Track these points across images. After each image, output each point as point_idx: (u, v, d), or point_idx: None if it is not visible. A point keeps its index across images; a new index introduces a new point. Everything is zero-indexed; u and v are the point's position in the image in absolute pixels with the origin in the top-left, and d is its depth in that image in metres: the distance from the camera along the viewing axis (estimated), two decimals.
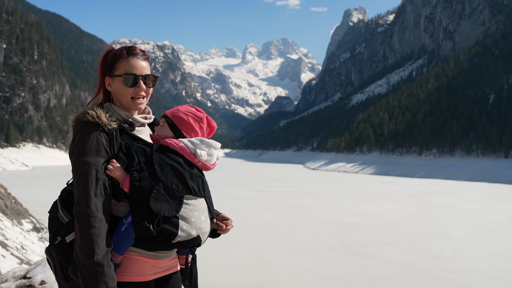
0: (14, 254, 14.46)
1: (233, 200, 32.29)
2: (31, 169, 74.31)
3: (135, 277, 1.82)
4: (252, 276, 13.70)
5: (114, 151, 1.83)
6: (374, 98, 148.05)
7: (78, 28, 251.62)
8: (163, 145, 1.88)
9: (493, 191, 43.78)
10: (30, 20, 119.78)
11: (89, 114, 1.81)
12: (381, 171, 78.29)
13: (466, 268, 14.75)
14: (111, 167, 1.78)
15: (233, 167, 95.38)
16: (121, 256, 1.78)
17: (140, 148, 1.84)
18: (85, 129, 1.79)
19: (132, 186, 1.75)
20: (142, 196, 1.75)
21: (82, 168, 1.74)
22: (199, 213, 1.85)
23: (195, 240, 1.83)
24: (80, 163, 1.75)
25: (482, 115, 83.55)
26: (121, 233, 1.77)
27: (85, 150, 1.76)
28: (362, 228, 21.89)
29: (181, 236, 1.77)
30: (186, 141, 1.89)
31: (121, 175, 1.79)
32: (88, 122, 1.80)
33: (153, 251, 1.83)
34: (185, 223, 1.78)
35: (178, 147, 1.86)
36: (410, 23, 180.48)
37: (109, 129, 1.81)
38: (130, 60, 1.92)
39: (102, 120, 1.80)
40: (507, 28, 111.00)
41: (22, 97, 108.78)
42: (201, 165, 1.91)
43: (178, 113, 1.95)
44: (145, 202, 1.75)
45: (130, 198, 1.78)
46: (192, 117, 1.95)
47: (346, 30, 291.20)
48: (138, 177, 1.76)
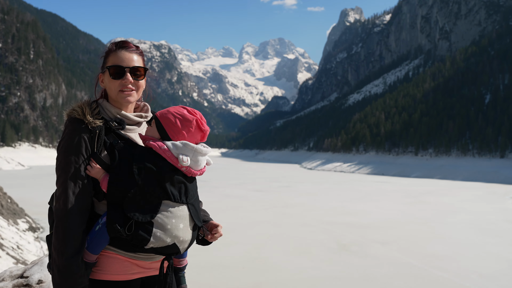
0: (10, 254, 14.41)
1: (229, 199, 32.28)
2: (27, 169, 74.04)
3: (113, 275, 1.78)
4: (249, 276, 13.69)
5: (96, 149, 1.78)
6: (370, 98, 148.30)
7: (75, 28, 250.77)
8: (147, 146, 1.81)
9: (489, 191, 43.91)
10: (26, 19, 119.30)
11: (76, 110, 1.81)
12: (377, 171, 78.39)
13: (462, 268, 14.79)
14: (90, 166, 1.76)
15: (229, 166, 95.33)
16: (95, 255, 1.76)
17: (123, 148, 1.79)
18: (71, 125, 1.78)
19: (109, 187, 1.72)
20: (118, 197, 1.71)
21: (63, 165, 1.74)
22: (176, 220, 1.76)
23: (171, 247, 1.76)
24: (61, 160, 1.75)
25: (478, 115, 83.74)
26: (95, 232, 1.74)
27: (67, 147, 1.75)
28: (358, 227, 21.92)
29: (153, 242, 1.71)
30: (170, 144, 1.79)
31: (101, 175, 1.76)
32: (74, 118, 1.79)
33: (131, 252, 1.77)
34: (159, 230, 1.71)
35: (160, 150, 1.77)
36: (406, 23, 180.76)
37: (92, 126, 1.78)
38: (118, 52, 1.89)
39: (86, 117, 1.78)
40: (503, 29, 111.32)
41: (18, 96, 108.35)
42: (185, 170, 1.80)
43: (167, 114, 1.86)
44: (122, 204, 1.71)
45: (108, 198, 1.74)
46: (180, 119, 1.84)
47: (342, 30, 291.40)
48: (116, 178, 1.72)
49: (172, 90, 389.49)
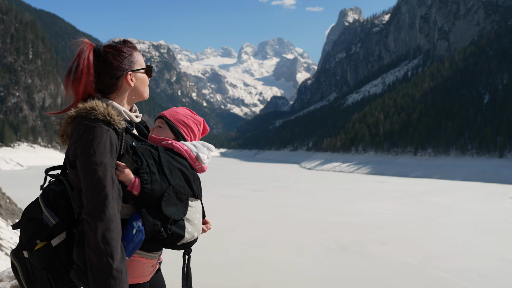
0: (8, 254, 14.39)
1: (228, 199, 32.25)
2: (26, 169, 73.94)
3: (137, 278, 1.80)
4: (248, 276, 13.68)
5: (121, 151, 1.73)
6: (369, 98, 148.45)
7: (73, 28, 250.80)
8: (168, 147, 1.87)
9: (488, 191, 43.93)
10: (25, 19, 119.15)
11: (97, 110, 1.69)
12: (376, 170, 78.41)
13: (461, 268, 14.79)
14: (119, 170, 1.71)
15: (228, 166, 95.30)
16: (128, 259, 1.74)
17: (146, 149, 1.79)
18: (96, 126, 1.66)
19: (144, 189, 1.71)
20: (152, 199, 1.72)
21: (99, 170, 1.62)
22: (199, 215, 1.88)
23: (194, 241, 1.87)
24: (95, 164, 1.62)
25: (477, 115, 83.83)
26: (132, 236, 1.71)
27: (100, 150, 1.63)
28: (357, 227, 21.91)
29: (187, 238, 1.80)
30: (190, 144, 1.90)
31: (131, 178, 1.73)
32: (97, 119, 1.68)
33: (152, 252, 1.82)
34: (190, 225, 1.81)
35: (183, 150, 1.86)
36: (405, 23, 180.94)
37: (119, 128, 1.72)
38: (138, 53, 1.92)
39: (113, 119, 1.70)
40: (501, 29, 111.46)
41: (17, 96, 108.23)
42: (199, 168, 1.92)
43: (178, 115, 1.96)
44: (153, 205, 1.73)
45: (137, 201, 1.73)
46: (192, 120, 1.98)
47: (341, 30, 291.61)
48: (150, 180, 1.72)
49: (171, 90, 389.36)
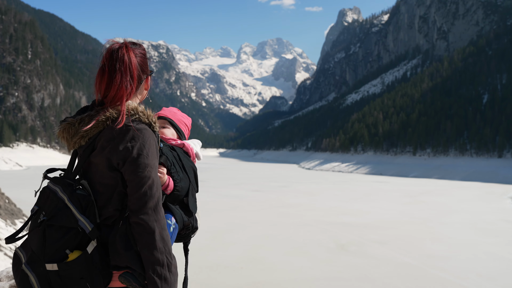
0: (7, 254, 14.37)
1: (227, 200, 32.25)
2: (25, 169, 73.91)
3: None
4: (247, 276, 13.68)
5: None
6: (368, 98, 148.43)
7: (72, 28, 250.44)
8: (179, 146, 1.96)
9: (487, 191, 43.97)
10: (24, 19, 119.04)
11: (141, 113, 1.72)
12: (375, 170, 78.46)
13: (460, 268, 14.80)
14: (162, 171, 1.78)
15: (227, 167, 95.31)
16: None
17: (168, 150, 1.86)
18: (144, 129, 1.69)
19: (176, 187, 1.80)
20: (180, 196, 1.83)
21: (152, 172, 1.67)
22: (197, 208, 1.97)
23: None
24: (149, 167, 1.66)
25: (476, 115, 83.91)
26: (171, 234, 1.79)
27: (152, 152, 1.68)
28: (356, 227, 21.92)
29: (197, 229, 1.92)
30: (191, 143, 1.98)
31: (165, 178, 1.79)
32: (141, 122, 1.71)
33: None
34: (197, 218, 1.93)
35: (189, 149, 1.95)
36: (404, 23, 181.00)
37: (156, 130, 1.76)
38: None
39: (154, 121, 1.73)
40: (500, 28, 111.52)
41: (16, 96, 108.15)
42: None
43: (176, 115, 2.03)
44: (179, 202, 1.84)
45: (167, 199, 1.81)
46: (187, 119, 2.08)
47: (340, 30, 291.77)
48: (179, 179, 1.81)
49: (170, 90, 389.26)
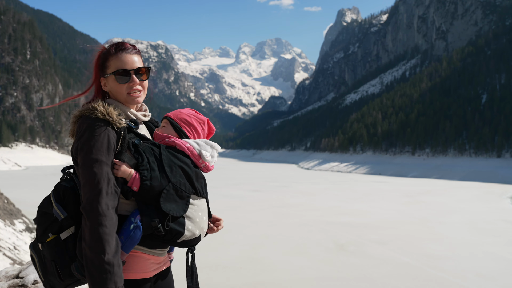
0: (6, 254, 14.36)
1: (227, 200, 32.24)
2: (23, 169, 73.87)
3: (139, 274, 1.83)
4: (246, 276, 13.68)
5: (121, 149, 1.79)
6: (367, 98, 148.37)
7: (71, 28, 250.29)
8: (170, 144, 1.91)
9: (486, 191, 44.00)
10: (23, 20, 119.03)
11: (98, 110, 1.77)
12: (374, 170, 78.49)
13: (459, 267, 14.81)
14: (117, 166, 1.76)
15: (227, 167, 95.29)
16: (126, 254, 1.79)
17: (148, 147, 1.83)
18: (95, 125, 1.74)
19: (143, 185, 1.75)
20: (152, 195, 1.76)
21: (94, 166, 1.70)
22: (202, 213, 1.88)
23: (196, 239, 1.88)
24: (91, 161, 1.71)
25: (474, 115, 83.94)
26: (130, 231, 1.77)
27: (96, 147, 1.72)
28: (356, 227, 21.93)
29: (187, 235, 1.81)
30: (192, 142, 1.93)
31: (130, 174, 1.78)
32: (97, 118, 1.76)
33: (155, 248, 1.85)
34: (191, 222, 1.82)
35: (185, 147, 1.89)
36: (403, 23, 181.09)
37: (118, 127, 1.78)
38: (119, 56, 1.88)
39: (113, 118, 1.77)
40: (499, 28, 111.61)
41: (15, 96, 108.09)
42: (204, 166, 1.94)
43: (181, 114, 2.00)
44: (153, 201, 1.76)
45: (138, 197, 1.78)
46: (195, 119, 2.01)
47: (339, 30, 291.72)
48: (149, 177, 1.75)
49: (169, 90, 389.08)
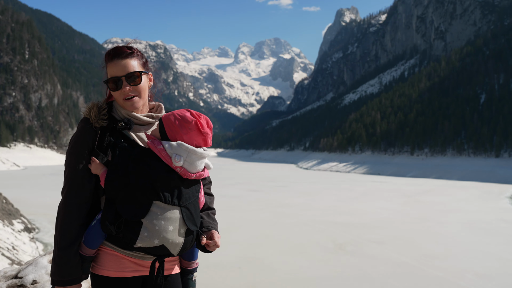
0: (5, 254, 14.35)
1: (225, 199, 32.22)
2: (22, 169, 73.78)
3: (111, 271, 1.81)
4: (245, 276, 13.68)
5: (98, 147, 1.87)
6: (366, 97, 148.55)
7: (70, 28, 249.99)
8: (148, 146, 1.83)
9: (484, 190, 44.03)
10: (21, 19, 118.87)
11: (86, 110, 1.89)
12: (373, 170, 78.51)
13: (457, 267, 14.83)
14: (91, 163, 1.84)
15: (225, 166, 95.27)
16: (92, 249, 1.80)
17: (123, 147, 1.84)
18: (79, 124, 1.89)
19: (105, 184, 1.78)
20: (114, 195, 1.76)
21: (68, 161, 1.85)
22: (166, 222, 1.74)
23: (159, 249, 1.76)
24: (66, 156, 1.87)
25: (473, 115, 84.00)
26: (90, 227, 1.81)
27: (73, 144, 1.86)
28: (354, 227, 21.94)
29: (140, 242, 1.72)
30: (166, 144, 1.79)
31: (101, 170, 1.82)
32: (84, 118, 1.89)
33: (128, 250, 1.80)
34: (147, 230, 1.71)
35: (156, 149, 1.78)
36: (402, 23, 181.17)
37: (95, 126, 1.86)
38: (112, 63, 1.90)
39: (91, 118, 1.86)
40: (498, 29, 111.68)
41: (13, 96, 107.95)
42: (180, 172, 1.79)
43: (169, 115, 1.87)
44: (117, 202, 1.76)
45: (106, 195, 1.80)
46: (179, 120, 1.83)
47: (338, 30, 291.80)
48: (113, 176, 1.76)
49: (168, 90, 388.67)
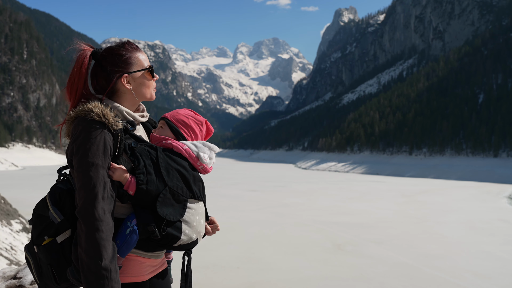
0: (3, 255, 14.32)
1: (224, 199, 32.22)
2: (20, 169, 73.66)
3: (134, 277, 1.81)
4: (244, 276, 13.67)
5: (118, 152, 1.75)
6: (365, 97, 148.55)
7: (68, 28, 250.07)
8: (167, 147, 1.86)
9: (483, 190, 44.08)
10: (19, 19, 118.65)
11: (94, 112, 1.71)
12: (372, 170, 78.56)
13: (456, 267, 14.84)
14: (112, 169, 1.74)
15: (224, 166, 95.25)
16: (123, 258, 1.77)
17: (144, 150, 1.79)
18: (91, 128, 1.69)
19: (139, 189, 1.71)
20: (148, 199, 1.73)
21: (90, 170, 1.66)
22: (199, 217, 1.85)
23: (194, 243, 1.85)
24: (86, 164, 1.66)
25: (471, 115, 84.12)
26: (126, 236, 1.74)
27: (92, 150, 1.67)
28: (353, 227, 21.95)
29: (183, 240, 1.78)
30: (190, 144, 1.87)
31: (126, 178, 1.74)
32: (93, 120, 1.70)
33: (151, 252, 1.82)
34: (188, 227, 1.79)
35: (182, 149, 1.84)
36: (400, 23, 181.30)
37: (115, 129, 1.73)
38: (140, 54, 1.90)
39: (109, 120, 1.71)
40: (496, 28, 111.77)
41: (11, 96, 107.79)
42: (202, 169, 1.89)
43: (178, 115, 1.94)
44: (149, 205, 1.73)
45: (134, 201, 1.74)
46: (193, 120, 1.96)
47: (337, 30, 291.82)
48: (145, 180, 1.72)
49: (166, 90, 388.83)
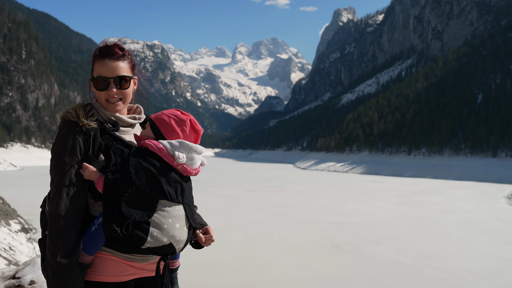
0: (2, 255, 14.31)
1: (223, 199, 32.23)
2: (19, 169, 73.57)
3: (108, 277, 1.78)
4: (242, 276, 13.68)
5: (91, 151, 1.80)
6: (363, 97, 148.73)
7: (67, 27, 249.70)
8: (143, 146, 1.84)
9: (481, 190, 44.11)
10: (18, 19, 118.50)
11: (70, 112, 1.81)
12: (370, 170, 78.57)
13: (455, 267, 14.85)
14: (84, 169, 1.76)
15: (223, 166, 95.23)
16: (91, 256, 1.76)
17: (118, 149, 1.79)
18: (65, 127, 1.78)
19: (105, 187, 1.72)
20: (115, 198, 1.71)
21: (57, 167, 1.74)
22: (173, 220, 1.77)
23: (167, 247, 1.78)
24: (55, 162, 1.75)
25: (470, 115, 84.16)
26: (91, 233, 1.75)
27: (62, 148, 1.75)
28: (352, 227, 21.95)
29: (150, 242, 1.72)
30: (165, 143, 1.82)
31: (96, 176, 1.76)
32: (68, 120, 1.79)
33: (128, 253, 1.78)
34: (156, 229, 1.73)
35: (156, 148, 1.80)
36: (399, 23, 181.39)
37: (87, 128, 1.79)
38: (102, 61, 1.87)
39: (80, 120, 1.79)
40: (494, 29, 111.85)
41: (10, 96, 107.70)
42: (181, 169, 1.83)
43: (161, 115, 1.90)
44: (118, 204, 1.71)
45: (103, 199, 1.74)
46: (174, 119, 1.89)
47: (335, 30, 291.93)
48: (112, 179, 1.72)
49: (165, 90, 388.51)
